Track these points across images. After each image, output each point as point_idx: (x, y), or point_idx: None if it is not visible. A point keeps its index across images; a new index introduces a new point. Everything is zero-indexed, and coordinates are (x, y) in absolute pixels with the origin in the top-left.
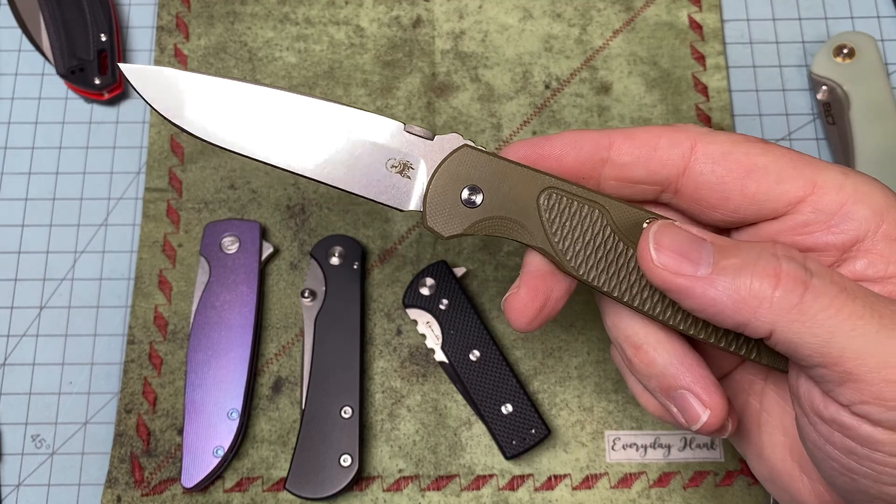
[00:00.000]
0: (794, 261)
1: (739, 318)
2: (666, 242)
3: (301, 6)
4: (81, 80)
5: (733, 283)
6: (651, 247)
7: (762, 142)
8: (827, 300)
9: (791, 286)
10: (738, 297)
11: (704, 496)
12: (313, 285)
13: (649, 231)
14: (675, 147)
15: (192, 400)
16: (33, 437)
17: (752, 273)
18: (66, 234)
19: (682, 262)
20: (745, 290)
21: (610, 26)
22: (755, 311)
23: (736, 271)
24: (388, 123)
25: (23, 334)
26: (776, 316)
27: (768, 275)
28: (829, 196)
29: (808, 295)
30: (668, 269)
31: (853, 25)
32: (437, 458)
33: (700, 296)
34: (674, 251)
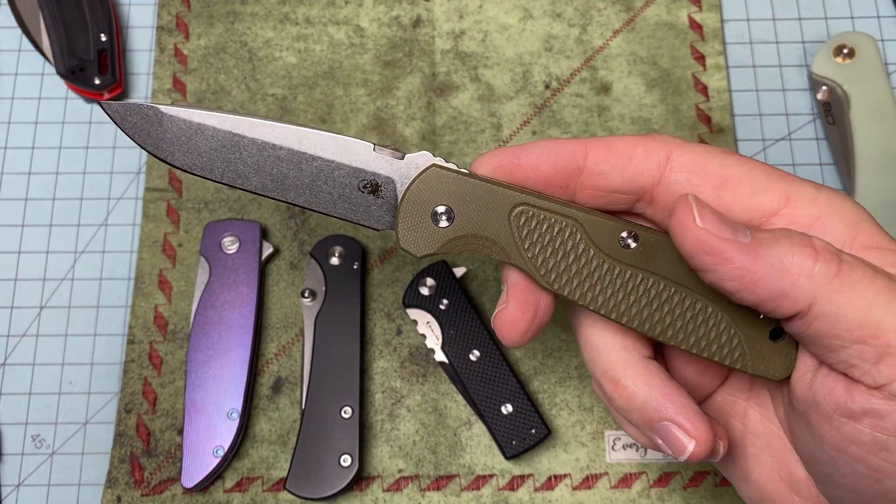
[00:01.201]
0: (823, 239)
1: (780, 286)
2: (708, 209)
3: (301, 6)
4: (81, 80)
5: (775, 251)
6: (695, 209)
7: (737, 154)
8: (860, 273)
9: (829, 258)
10: (780, 267)
11: (704, 496)
12: (313, 285)
13: (688, 198)
14: (651, 156)
15: (193, 400)
16: (33, 437)
17: (791, 245)
18: (66, 234)
19: (724, 227)
20: (787, 259)
21: (610, 26)
22: (796, 280)
23: (774, 242)
24: (357, 145)
25: (23, 334)
26: (817, 287)
27: (807, 247)
28: (803, 209)
29: (844, 266)
30: (710, 231)
31: (853, 25)
32: (437, 458)
33: (739, 262)
34: (715, 216)
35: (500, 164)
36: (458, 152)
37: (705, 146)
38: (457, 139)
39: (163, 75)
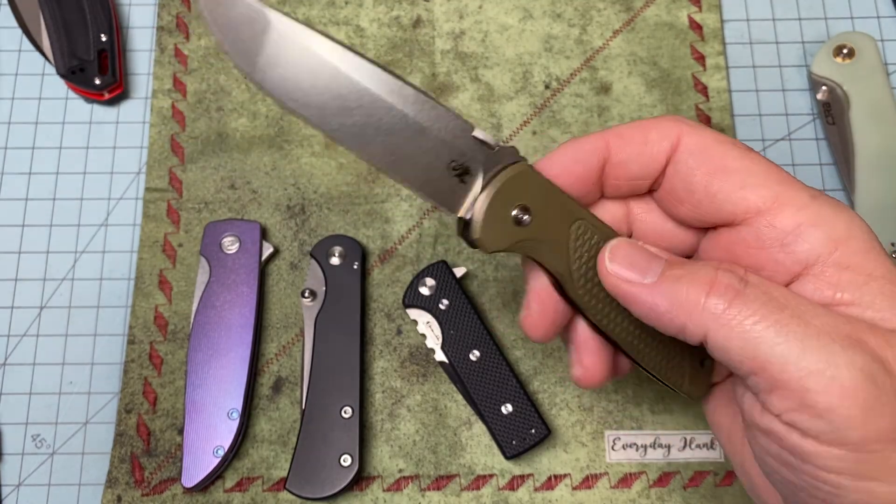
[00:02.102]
0: (732, 273)
1: (677, 321)
2: (620, 254)
3: (301, 6)
4: (82, 81)
5: (672, 289)
6: (606, 255)
7: (743, 147)
8: (755, 308)
9: (722, 293)
10: (674, 302)
11: (704, 496)
12: (313, 285)
13: (608, 244)
14: (663, 139)
15: (193, 400)
16: (33, 437)
17: (690, 281)
18: (67, 234)
19: (631, 270)
20: (682, 295)
21: (610, 26)
22: (689, 315)
23: (676, 280)
24: (458, 122)
25: (23, 334)
26: (707, 321)
27: (703, 283)
28: (788, 214)
29: (736, 302)
30: (617, 276)
31: (853, 25)
32: (438, 458)
33: (642, 301)
34: (625, 261)
35: None
36: None
37: (715, 133)
38: None
39: (163, 75)
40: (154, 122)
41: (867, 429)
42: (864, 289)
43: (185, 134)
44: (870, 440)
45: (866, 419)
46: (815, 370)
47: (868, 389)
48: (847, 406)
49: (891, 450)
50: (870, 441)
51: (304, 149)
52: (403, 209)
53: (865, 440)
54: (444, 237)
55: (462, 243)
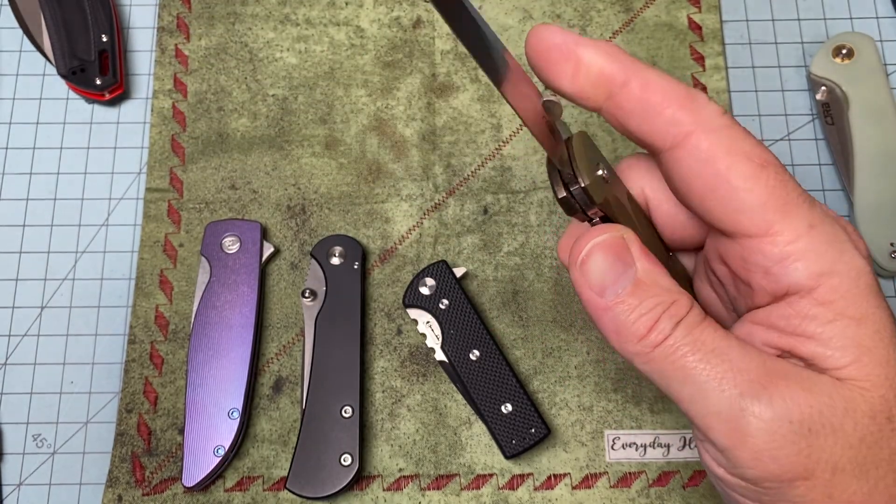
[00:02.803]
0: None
1: (611, 340)
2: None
3: (301, 7)
4: (82, 81)
5: (616, 320)
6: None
7: (756, 164)
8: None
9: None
10: (615, 330)
11: (704, 495)
12: (314, 285)
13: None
14: (673, 126)
15: (193, 399)
16: (34, 437)
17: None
18: (67, 234)
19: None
20: (623, 329)
21: (609, 27)
22: (623, 344)
23: (627, 310)
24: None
25: (24, 334)
26: (633, 356)
27: (644, 326)
28: (778, 244)
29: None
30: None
31: (852, 26)
32: (438, 458)
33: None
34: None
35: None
36: (458, 153)
37: (731, 141)
38: (457, 140)
39: (164, 76)
40: (155, 122)
41: (759, 470)
42: (828, 326)
43: (186, 134)
44: (764, 479)
45: (757, 463)
46: (713, 412)
47: (759, 436)
48: (738, 448)
49: (785, 488)
50: (764, 480)
51: (304, 149)
52: (403, 209)
53: (760, 478)
54: (443, 237)
55: (461, 244)
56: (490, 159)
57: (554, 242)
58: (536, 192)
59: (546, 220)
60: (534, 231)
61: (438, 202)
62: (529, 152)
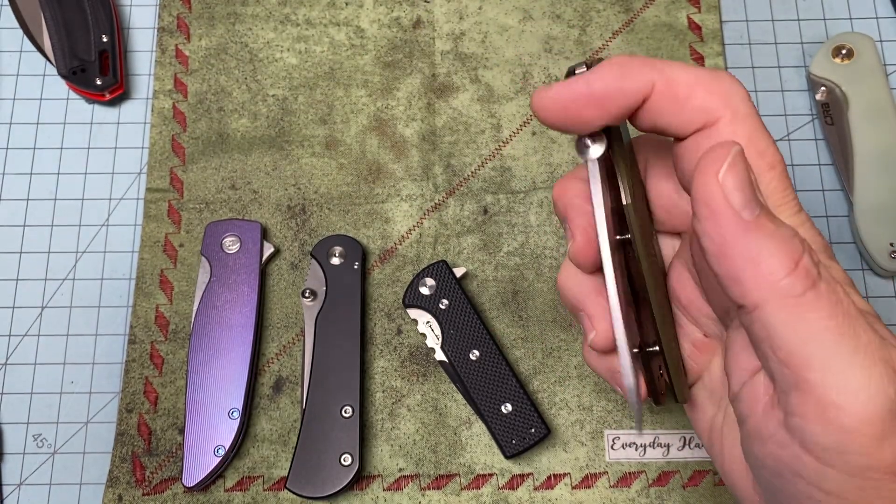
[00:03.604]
0: (812, 257)
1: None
2: (739, 170)
3: (302, 7)
4: (83, 81)
5: (759, 243)
6: (727, 161)
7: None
8: (824, 305)
9: (802, 277)
10: (752, 257)
11: (703, 495)
12: (314, 285)
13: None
14: (703, 112)
15: (194, 399)
16: (35, 437)
17: (778, 248)
18: (68, 234)
19: (738, 193)
20: (764, 255)
21: (609, 27)
22: (756, 281)
23: (767, 236)
24: None
25: (24, 334)
26: (772, 295)
27: (790, 258)
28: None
29: (811, 293)
30: (724, 189)
31: (852, 26)
32: (437, 458)
33: (724, 232)
34: (739, 181)
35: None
36: (457, 153)
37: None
38: (457, 140)
39: (164, 76)
40: (155, 122)
41: (873, 457)
42: None
43: (186, 134)
44: (871, 468)
45: (877, 448)
46: (852, 390)
47: (888, 420)
48: (864, 433)
49: (886, 480)
50: (871, 469)
51: (304, 149)
52: (403, 209)
53: (868, 468)
54: (443, 237)
55: (461, 244)
56: (490, 159)
57: (554, 242)
58: (536, 192)
59: (546, 221)
60: (534, 231)
61: (438, 202)
62: (529, 152)
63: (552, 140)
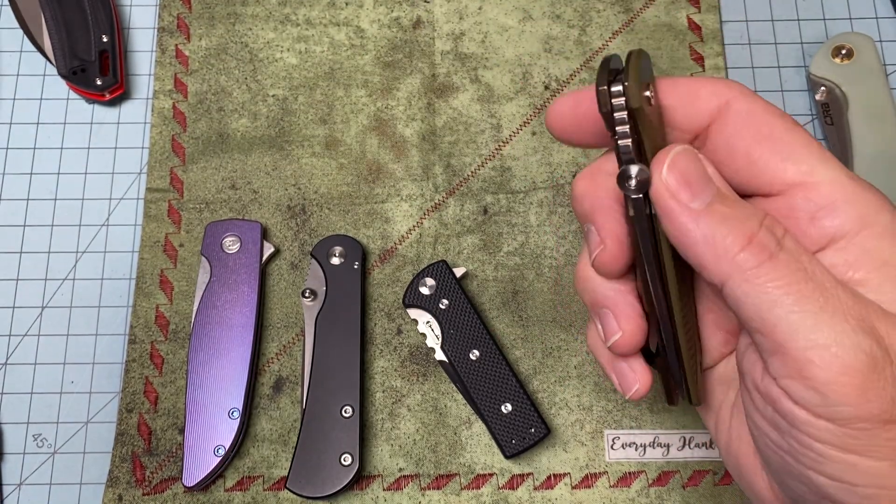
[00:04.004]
0: (771, 232)
1: (703, 259)
2: (679, 166)
3: (302, 7)
4: (83, 81)
5: (712, 227)
6: (666, 162)
7: (792, 121)
8: (782, 275)
9: (757, 251)
10: (709, 241)
11: (703, 495)
12: (314, 285)
13: (672, 149)
14: (713, 97)
15: (194, 399)
16: (35, 437)
17: (732, 227)
18: (68, 234)
19: (683, 188)
20: (719, 237)
21: (609, 27)
22: (717, 259)
23: (721, 219)
24: None
25: (24, 334)
26: (731, 271)
27: (743, 235)
28: (824, 189)
29: (767, 264)
30: (667, 188)
31: (852, 26)
32: (438, 457)
33: (680, 224)
34: (682, 175)
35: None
36: (457, 153)
37: (766, 102)
38: (457, 140)
39: (164, 76)
40: (155, 122)
41: (859, 408)
42: (875, 273)
43: (186, 134)
44: (859, 418)
45: (859, 399)
46: (822, 344)
47: (867, 372)
48: (843, 384)
49: (878, 430)
50: (860, 419)
51: (304, 149)
52: (403, 209)
53: (855, 418)
54: (443, 237)
55: (461, 244)
56: (490, 159)
57: (554, 242)
58: (536, 192)
59: (546, 220)
60: (534, 231)
61: (438, 202)
62: (529, 152)
63: (552, 140)
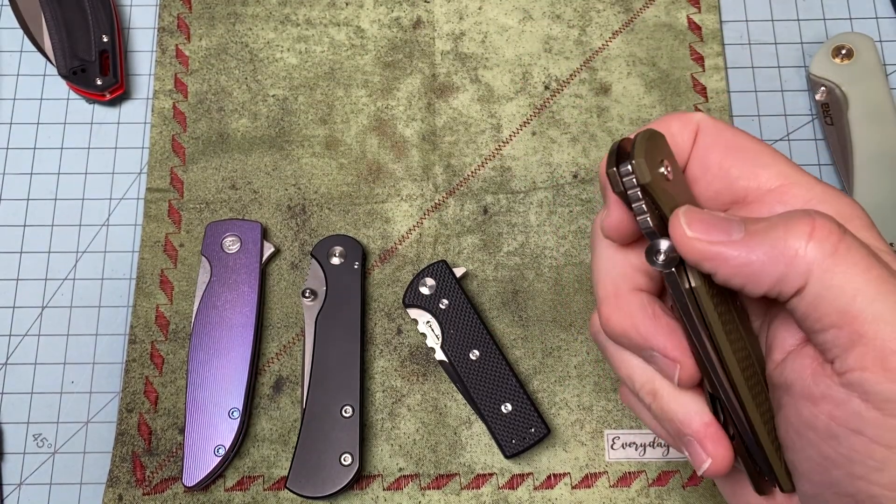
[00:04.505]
0: (826, 216)
1: (776, 271)
2: (696, 218)
3: (302, 7)
4: (83, 81)
5: (766, 238)
6: (682, 221)
7: (751, 136)
8: (858, 257)
9: (826, 236)
10: (774, 253)
11: (703, 495)
12: (314, 285)
13: (679, 211)
14: (685, 128)
15: (194, 399)
16: (35, 437)
17: (786, 227)
18: (68, 234)
19: (713, 231)
20: (780, 244)
21: (609, 27)
22: (791, 260)
23: (770, 228)
24: None
25: (25, 334)
26: (810, 266)
27: (803, 227)
28: (798, 193)
29: (841, 247)
30: (700, 238)
31: (851, 26)
32: (437, 457)
33: (735, 257)
34: (703, 224)
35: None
36: (457, 153)
37: (727, 124)
38: (457, 140)
39: (164, 76)
40: (155, 122)
41: None
42: None
43: (187, 134)
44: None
45: None
46: (884, 321)
47: None
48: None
49: None
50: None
51: (304, 149)
52: (403, 209)
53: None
54: (443, 237)
55: (461, 244)
56: (490, 159)
57: (554, 242)
58: (536, 192)
59: (546, 220)
60: (534, 231)
61: (438, 202)
62: (529, 152)
63: (552, 140)
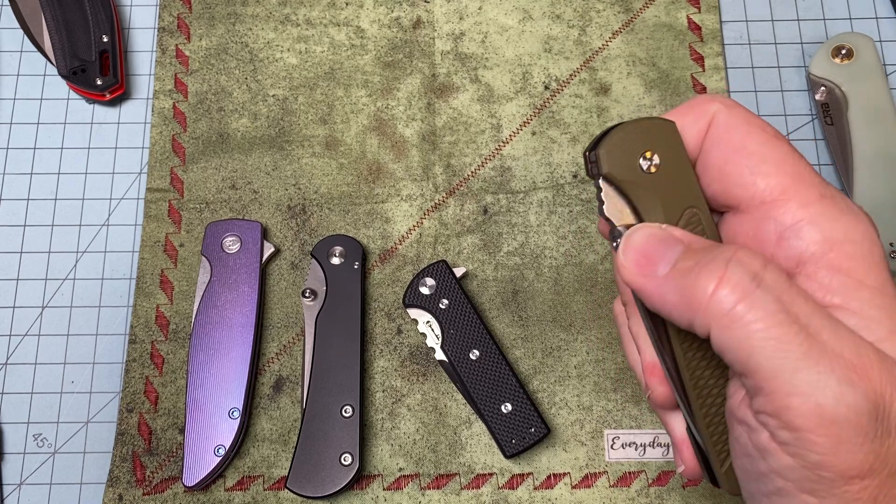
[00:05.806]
0: (743, 267)
1: (685, 316)
2: (634, 244)
3: (302, 7)
4: (83, 81)
5: (681, 282)
6: (621, 247)
7: (772, 133)
8: (761, 315)
9: (729, 291)
10: (684, 296)
11: (703, 495)
12: (314, 285)
13: (632, 229)
14: (700, 118)
15: (194, 399)
16: (35, 437)
17: (699, 274)
18: (68, 234)
19: (643, 262)
20: (689, 289)
21: (609, 27)
22: (697, 309)
23: (686, 272)
24: None
25: (25, 334)
26: (710, 317)
27: (712, 276)
28: (790, 209)
29: (743, 302)
30: (628, 268)
31: (851, 26)
32: (437, 457)
33: (652, 295)
34: (638, 252)
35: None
36: (457, 153)
37: (749, 114)
38: (457, 140)
39: (164, 76)
40: (155, 122)
41: (827, 458)
42: (854, 294)
43: (187, 134)
44: (826, 468)
45: (831, 451)
46: (802, 392)
47: (845, 427)
48: (819, 434)
49: (839, 482)
50: (825, 468)
51: (304, 149)
52: (403, 209)
53: (821, 466)
54: (443, 237)
55: (461, 244)
56: (490, 159)
57: (554, 242)
58: (536, 192)
59: (546, 220)
60: (534, 231)
61: (438, 202)
62: (529, 152)
63: (552, 140)
